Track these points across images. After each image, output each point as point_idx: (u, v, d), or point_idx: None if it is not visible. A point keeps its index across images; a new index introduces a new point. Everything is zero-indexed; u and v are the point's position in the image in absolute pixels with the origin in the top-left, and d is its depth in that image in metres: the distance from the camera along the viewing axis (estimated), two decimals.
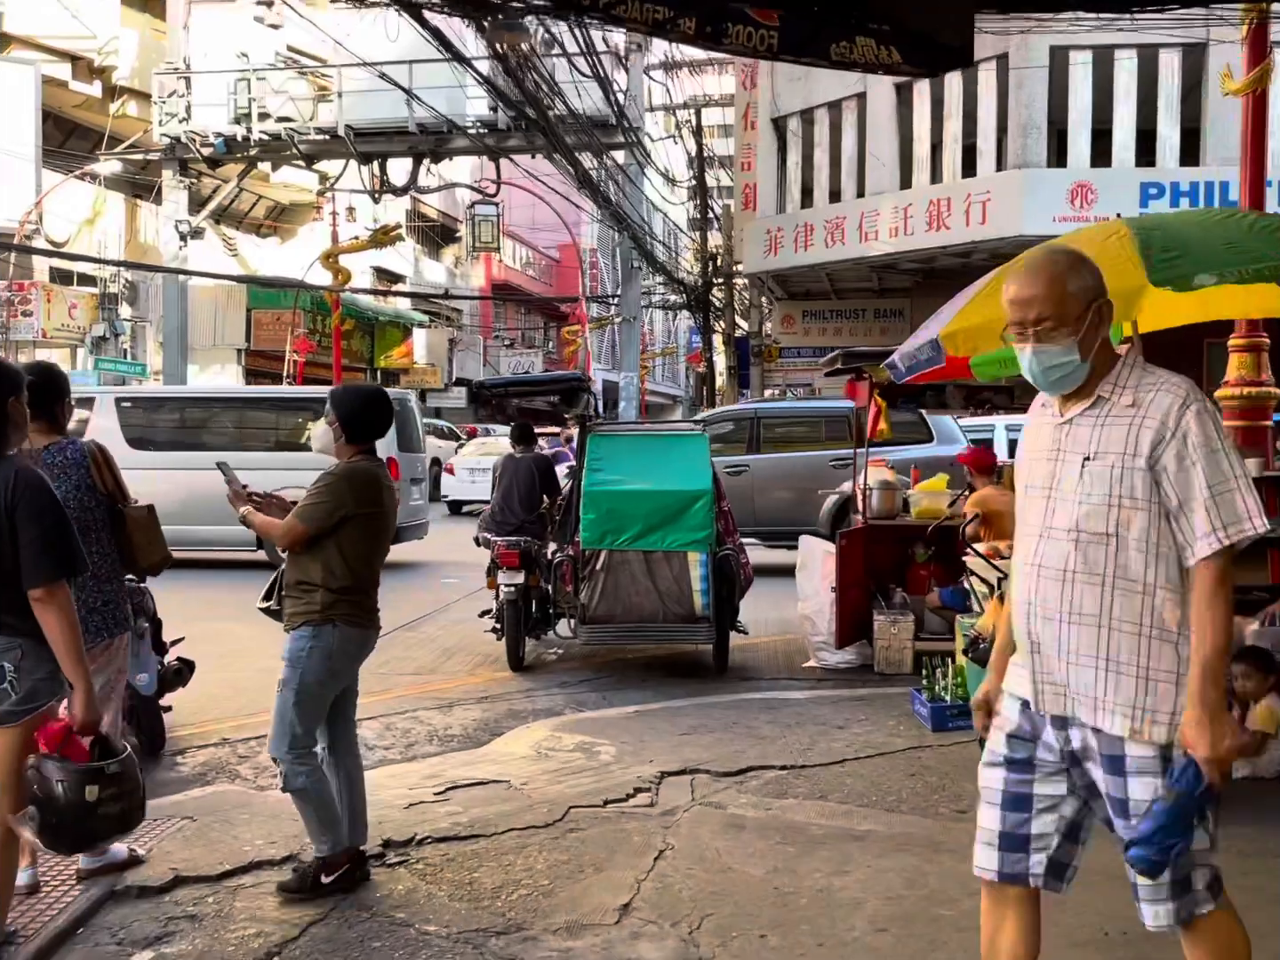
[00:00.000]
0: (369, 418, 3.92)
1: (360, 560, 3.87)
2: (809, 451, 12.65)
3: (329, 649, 3.84)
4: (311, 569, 3.84)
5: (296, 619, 3.86)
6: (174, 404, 13.91)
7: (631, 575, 6.99)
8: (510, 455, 8.00)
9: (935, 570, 7.80)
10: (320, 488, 3.83)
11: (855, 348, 7.30)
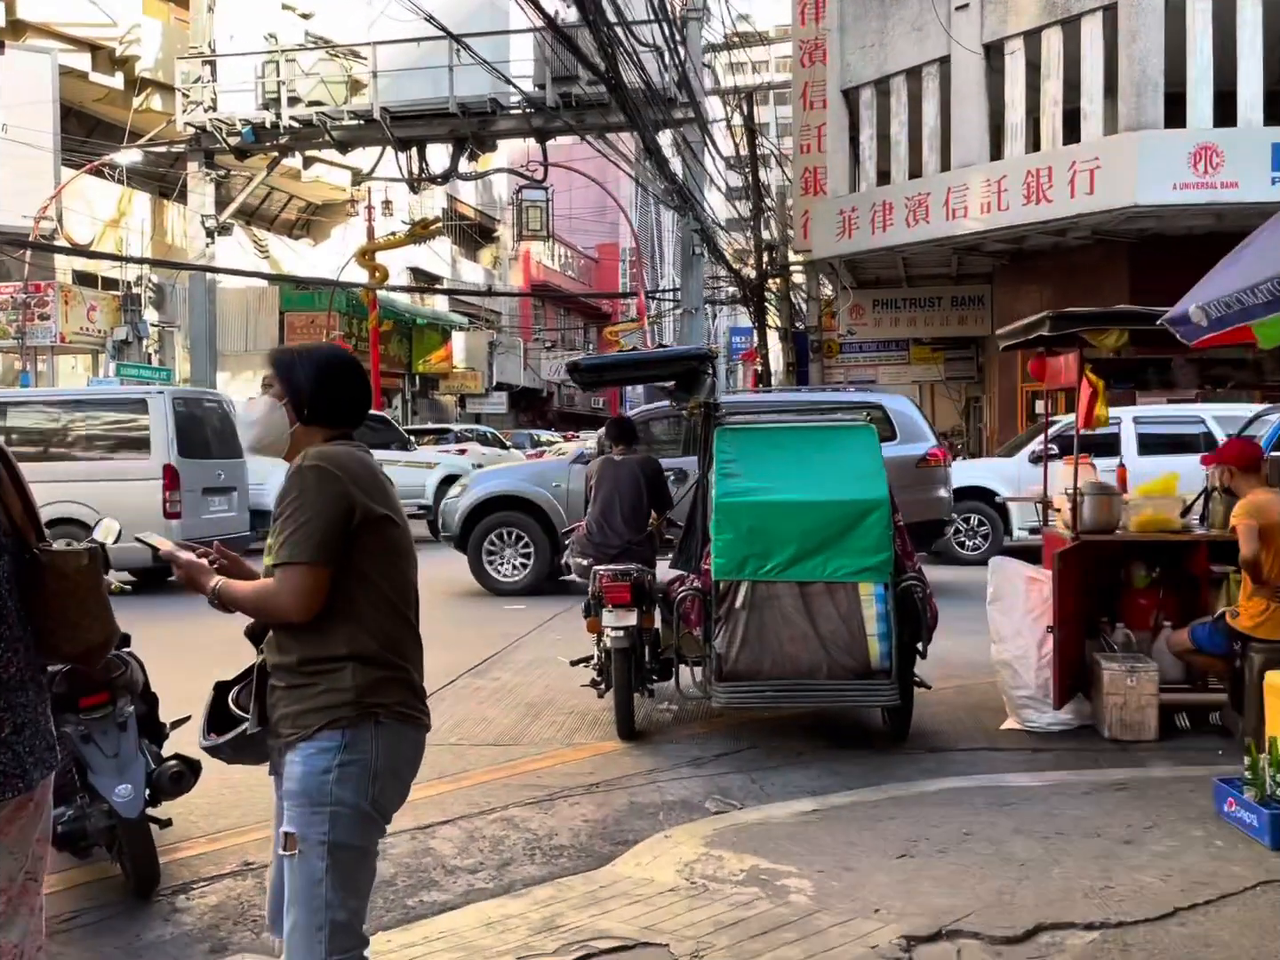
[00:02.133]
0: (338, 387, 2.48)
1: (396, 602, 2.41)
2: None
3: (371, 764, 2.34)
4: (328, 634, 2.34)
5: (309, 723, 2.33)
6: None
7: (783, 615, 5.24)
8: (608, 458, 6.27)
9: (1164, 599, 6.00)
10: (296, 496, 2.31)
11: (1071, 309, 5.53)
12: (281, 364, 2.49)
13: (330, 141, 20.57)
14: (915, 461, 10.60)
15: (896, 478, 10.49)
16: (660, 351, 5.67)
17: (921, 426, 10.99)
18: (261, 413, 2.46)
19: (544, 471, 11.35)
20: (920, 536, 10.33)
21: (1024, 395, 20.78)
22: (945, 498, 10.79)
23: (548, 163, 19.92)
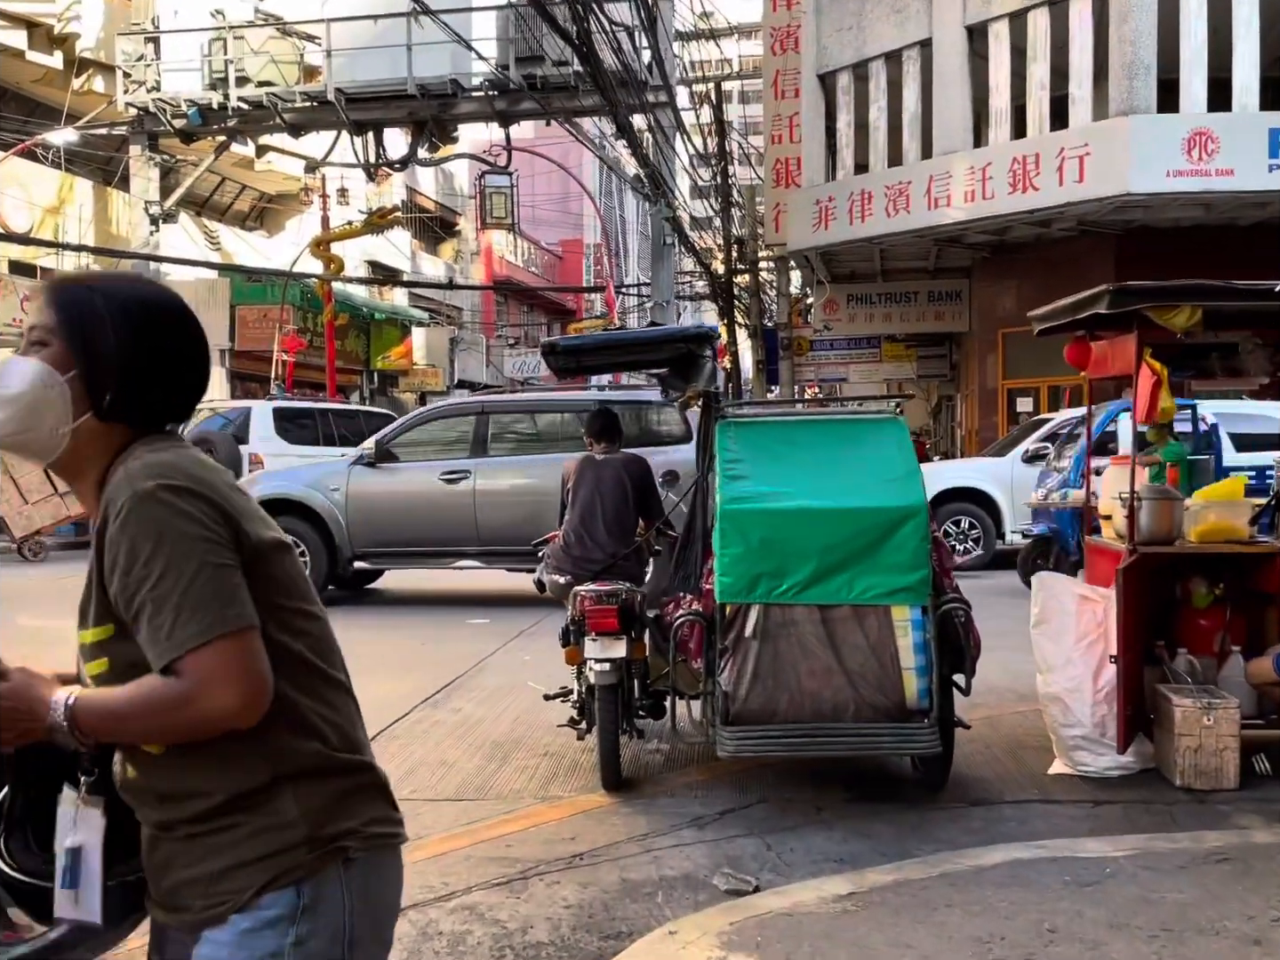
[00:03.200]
0: (170, 355, 1.58)
1: (322, 666, 1.58)
2: (544, 454, 10.14)
3: (344, 928, 1.49)
4: (233, 747, 1.48)
5: (240, 886, 1.47)
6: None
7: (801, 645, 4.38)
8: (588, 457, 5.37)
9: (1230, 619, 5.20)
10: (153, 544, 1.43)
11: (1135, 282, 4.72)
12: (70, 306, 1.53)
13: (281, 124, 19.48)
14: None
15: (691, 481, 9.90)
16: (651, 331, 4.80)
17: None
18: (22, 388, 1.48)
19: (325, 474, 10.43)
20: None
21: (1004, 392, 20.13)
22: None
23: (511, 147, 18.96)
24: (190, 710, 1.43)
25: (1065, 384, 18.94)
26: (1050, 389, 19.28)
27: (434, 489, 9.97)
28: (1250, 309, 4.96)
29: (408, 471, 10.16)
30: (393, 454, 10.18)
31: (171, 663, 1.41)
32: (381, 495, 10.03)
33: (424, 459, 10.22)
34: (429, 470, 10.07)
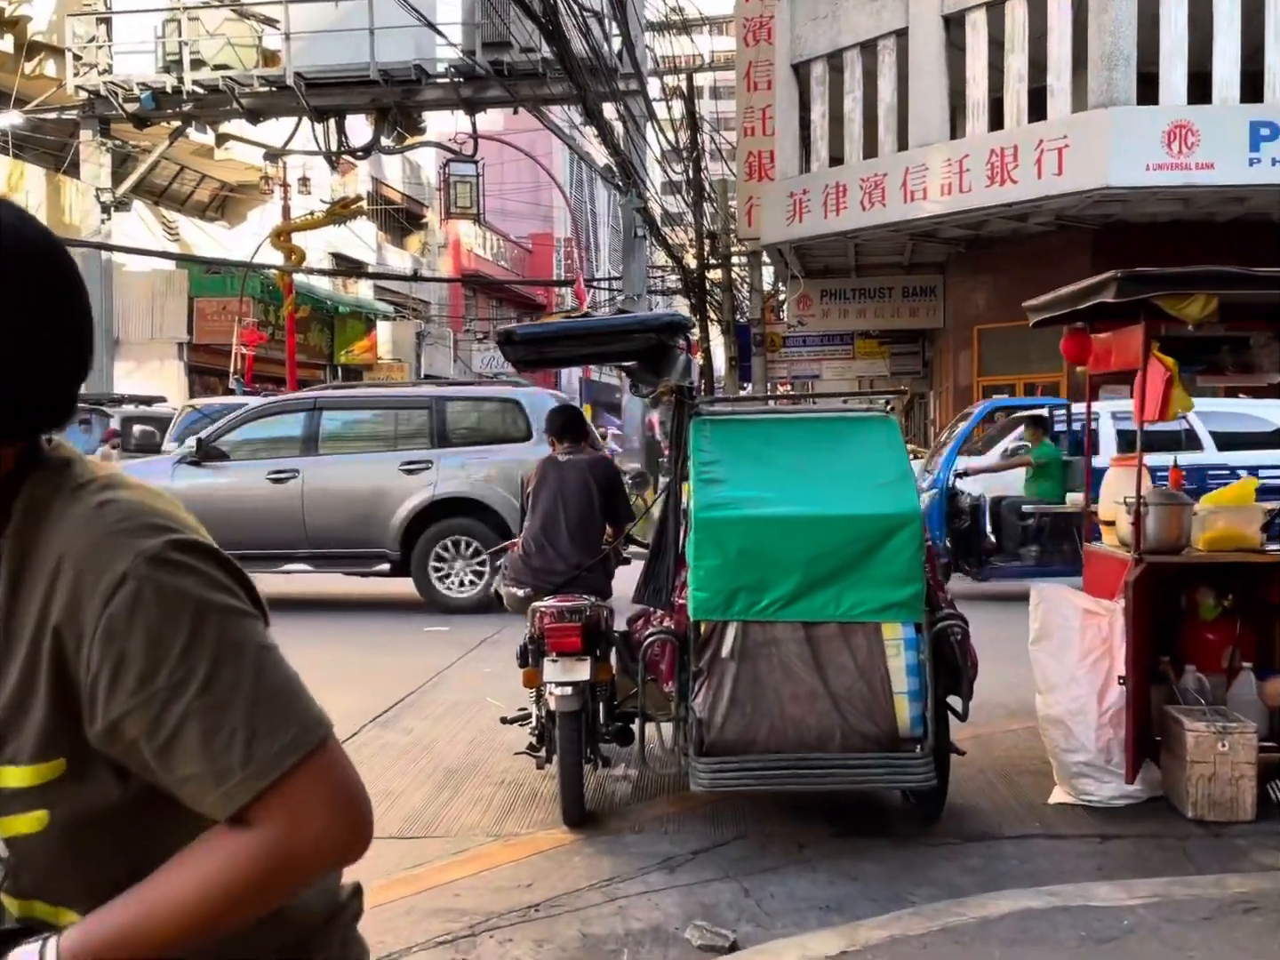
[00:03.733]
0: (53, 321, 1.02)
1: None
2: (376, 453, 9.85)
3: None
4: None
5: None
6: None
7: (784, 667, 3.96)
8: (550, 459, 4.91)
9: (1240, 632, 4.84)
10: (185, 642, 0.95)
11: (1146, 268, 4.33)
12: None
13: (239, 110, 18.86)
14: None
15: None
16: (618, 319, 4.35)
17: None
18: None
19: (146, 474, 9.71)
20: None
21: (979, 390, 19.84)
22: None
23: (478, 135, 18.44)
24: (295, 864, 0.98)
25: (1040, 381, 18.71)
26: (1026, 386, 19.02)
27: (261, 489, 9.59)
28: (1266, 300, 4.59)
29: (234, 470, 9.77)
30: (220, 452, 9.77)
31: (252, 801, 0.96)
32: (205, 496, 9.55)
33: (253, 457, 9.82)
34: (257, 469, 9.68)
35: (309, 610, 9.89)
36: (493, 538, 9.44)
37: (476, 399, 10.26)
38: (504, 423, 9.85)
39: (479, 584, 9.51)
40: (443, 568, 9.62)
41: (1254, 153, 14.27)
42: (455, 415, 9.89)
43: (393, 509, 9.51)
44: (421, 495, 9.49)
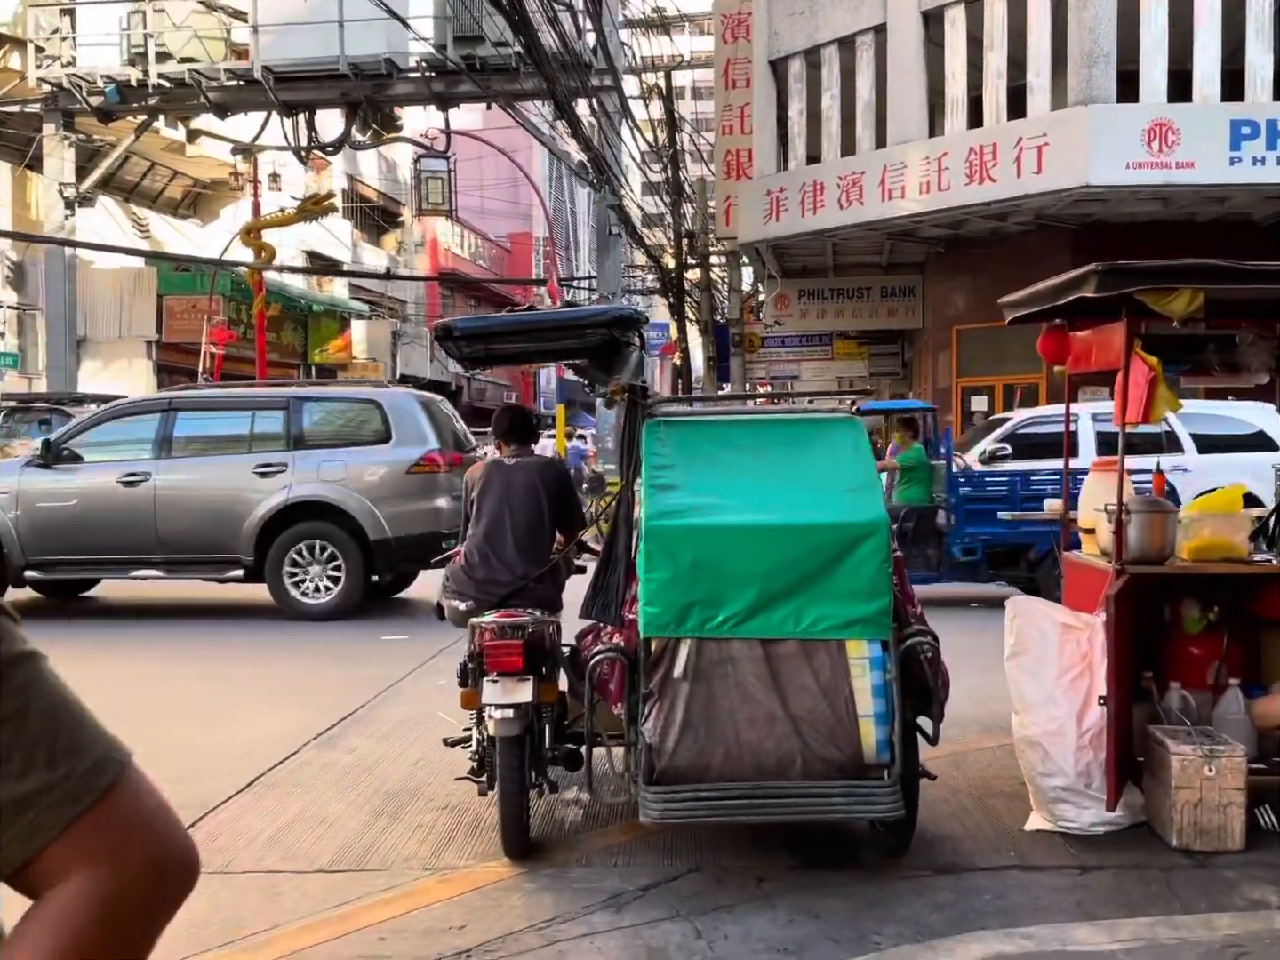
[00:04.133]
0: None
1: None
2: (230, 455, 9.61)
3: None
4: None
5: None
6: None
7: (740, 688, 3.68)
8: (495, 462, 4.61)
9: (1227, 647, 4.58)
10: None
11: (1129, 262, 4.06)
12: None
13: (206, 104, 18.47)
14: (406, 467, 9.34)
15: (387, 486, 9.18)
16: (567, 312, 4.04)
17: (423, 428, 9.58)
18: None
19: None
20: (415, 552, 9.21)
21: (958, 391, 19.64)
22: (444, 509, 9.43)
23: (450, 131, 18.10)
24: (131, 908, 0.87)
25: (1019, 383, 18.53)
26: (1004, 388, 18.83)
27: (112, 492, 9.31)
28: (1255, 295, 4.33)
29: (85, 473, 9.46)
30: (71, 454, 9.47)
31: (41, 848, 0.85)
32: (55, 499, 9.28)
33: (106, 459, 9.52)
34: (109, 472, 9.38)
35: (258, 617, 9.57)
36: (348, 543, 9.24)
37: (335, 400, 9.99)
38: (363, 424, 9.60)
39: (334, 590, 9.30)
40: (297, 573, 9.36)
41: (1235, 152, 14.10)
42: (313, 416, 9.64)
43: (246, 513, 9.26)
44: (276, 498, 9.25)
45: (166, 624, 9.39)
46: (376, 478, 9.32)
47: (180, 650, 8.26)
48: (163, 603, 9.84)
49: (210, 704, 6.48)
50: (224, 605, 10.49)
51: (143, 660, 7.86)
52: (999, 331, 18.12)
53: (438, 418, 9.93)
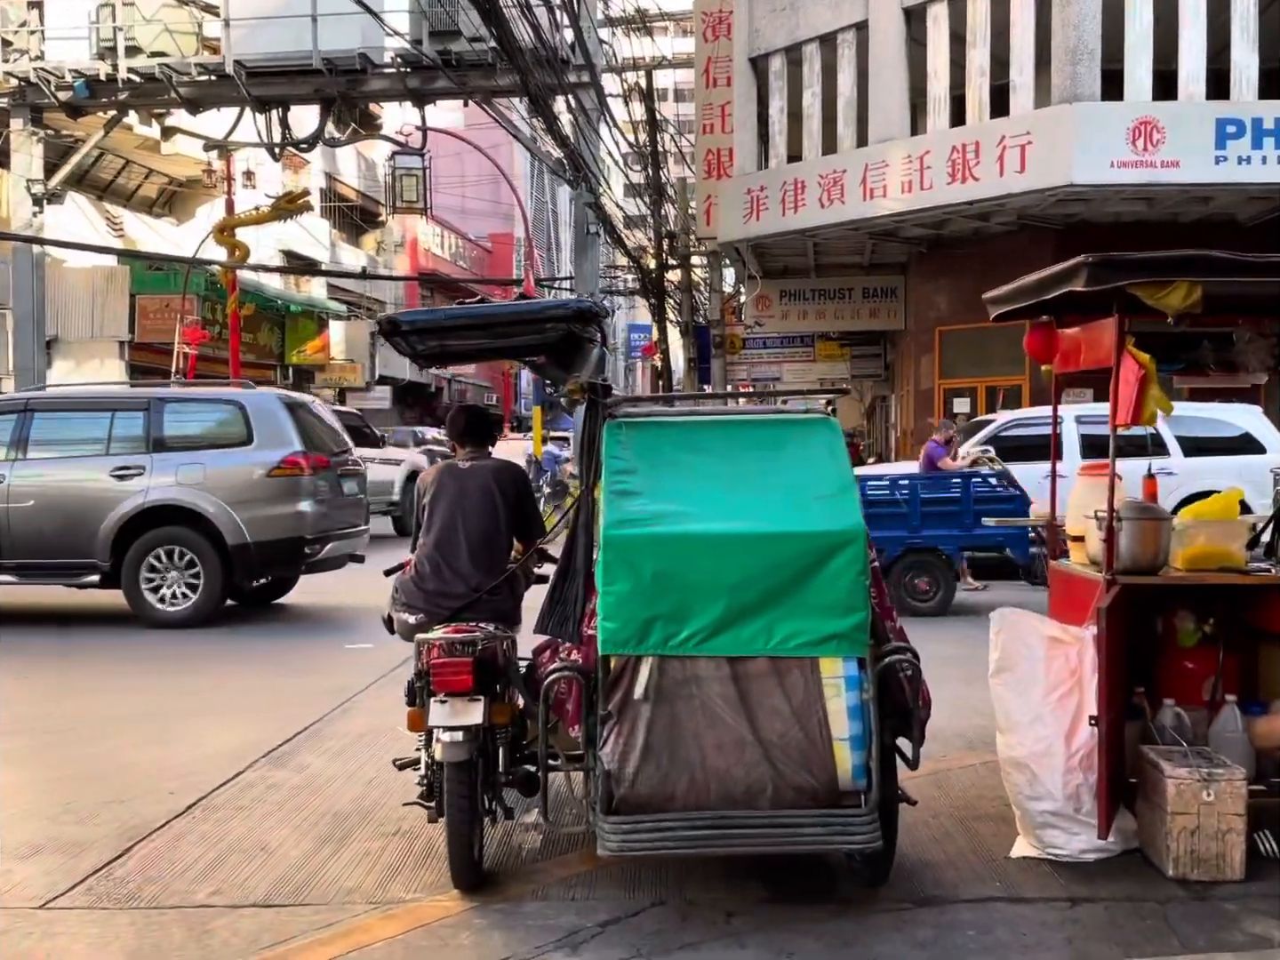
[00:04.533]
0: None
1: None
2: (86, 457, 9.38)
3: None
4: None
5: None
6: None
7: (706, 710, 3.42)
8: (449, 465, 4.33)
9: (1223, 661, 4.35)
10: None
11: (1121, 254, 3.83)
12: None
13: (177, 99, 18.11)
14: (267, 470, 9.14)
15: (247, 490, 8.94)
16: (520, 305, 3.77)
17: (286, 430, 9.37)
18: None
19: None
20: (276, 558, 9.06)
21: (940, 393, 19.44)
22: (306, 513, 9.24)
23: (426, 128, 17.80)
24: None
25: (1002, 384, 18.34)
26: (987, 389, 18.65)
27: None
28: (1252, 291, 4.10)
29: None
30: None
31: None
32: None
33: None
34: None
35: (219, 624, 9.27)
36: (206, 548, 8.98)
37: (196, 401, 9.74)
38: (225, 427, 9.37)
39: (192, 597, 9.05)
40: (155, 579, 9.09)
41: (1220, 150, 13.94)
42: (173, 418, 9.40)
43: (102, 517, 9.01)
44: (132, 502, 9.01)
45: (121, 632, 9.06)
46: (236, 481, 9.12)
47: (132, 661, 7.93)
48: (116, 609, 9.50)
49: (159, 718, 6.18)
50: None
51: (92, 673, 7.55)
52: (982, 333, 18.09)
53: (304, 420, 9.69)
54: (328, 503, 9.58)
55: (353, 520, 10.17)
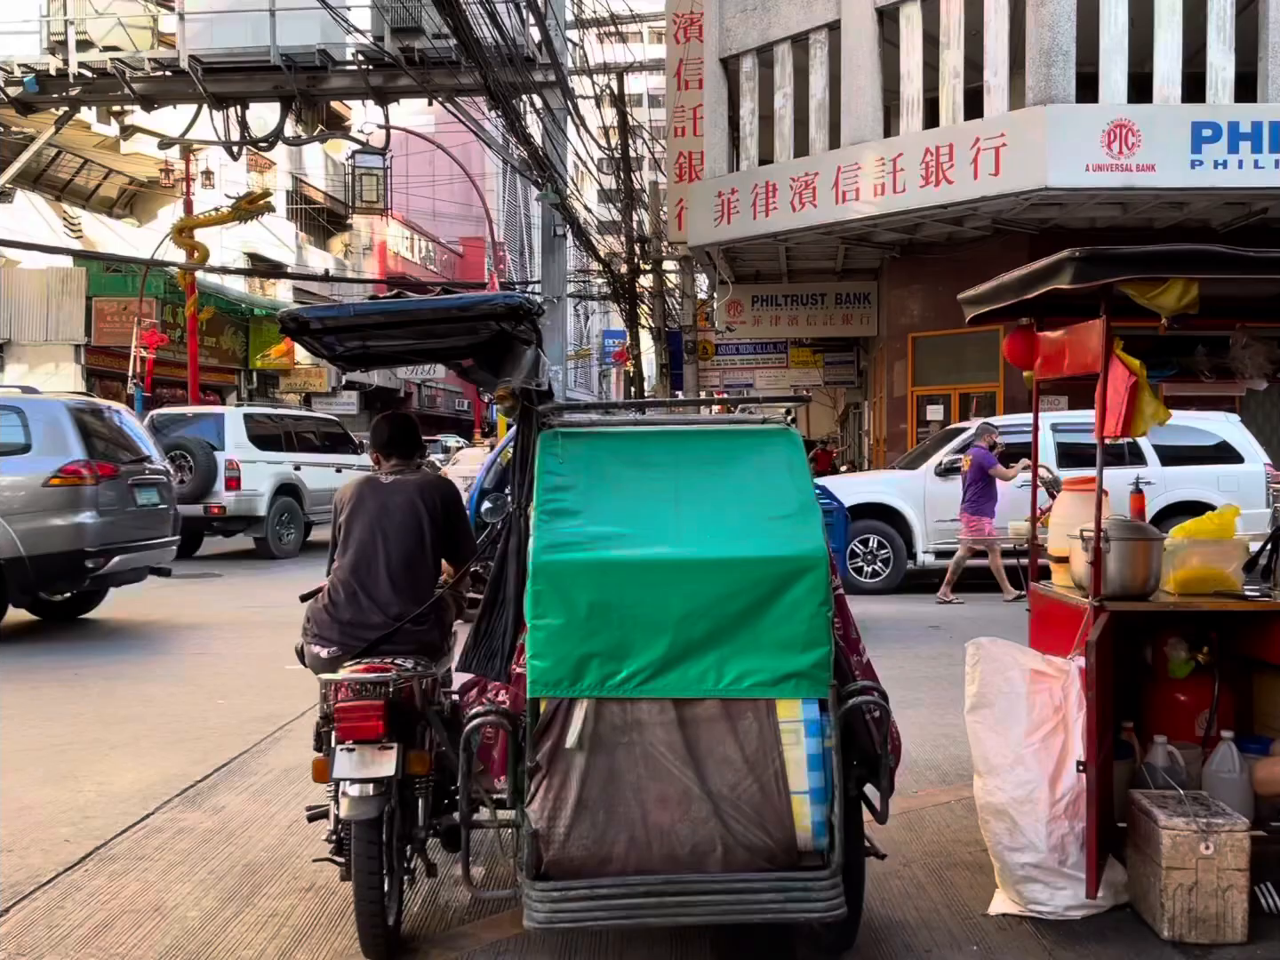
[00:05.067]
0: None
1: None
2: None
3: None
4: None
5: None
6: None
7: (647, 760, 3.01)
8: (368, 479, 3.90)
9: (1218, 693, 3.99)
10: None
11: (1106, 248, 3.46)
12: None
13: (131, 95, 17.59)
14: (44, 479, 8.64)
15: (22, 501, 8.38)
16: (442, 299, 3.33)
17: (67, 437, 8.87)
18: None
19: None
20: (54, 572, 8.58)
21: (914, 400, 19.15)
22: (86, 524, 8.75)
23: (389, 126, 17.35)
24: None
25: (976, 391, 18.07)
26: (961, 396, 18.37)
27: None
28: (1253, 292, 3.75)
29: None
30: None
31: None
32: None
33: None
34: None
35: (145, 637, 8.79)
36: None
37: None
38: (1, 434, 8.81)
39: None
40: None
41: (1196, 154, 13.72)
42: None
43: None
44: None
45: (29, 646, 8.55)
46: (9, 491, 8.58)
47: (48, 683, 7.42)
48: (22, 621, 9.01)
49: (69, 750, 5.70)
50: (110, 623, 9.68)
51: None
52: (956, 339, 17.82)
53: (93, 427, 9.15)
54: (115, 514, 9.01)
55: (152, 532, 9.55)
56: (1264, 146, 13.74)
